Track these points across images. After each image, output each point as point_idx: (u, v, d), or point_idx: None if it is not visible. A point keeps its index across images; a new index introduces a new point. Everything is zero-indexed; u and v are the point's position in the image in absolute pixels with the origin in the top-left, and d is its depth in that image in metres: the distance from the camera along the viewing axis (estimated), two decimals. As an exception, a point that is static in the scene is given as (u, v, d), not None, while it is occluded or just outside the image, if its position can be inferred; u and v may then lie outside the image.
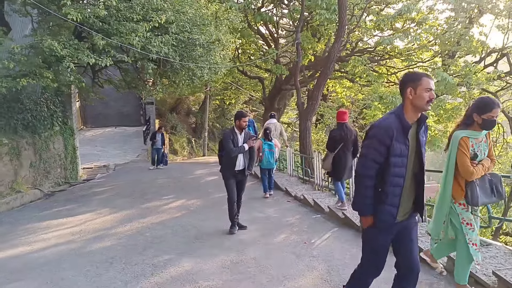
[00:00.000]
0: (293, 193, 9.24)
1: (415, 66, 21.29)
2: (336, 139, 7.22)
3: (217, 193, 10.54)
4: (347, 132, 7.21)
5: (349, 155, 7.25)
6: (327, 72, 11.97)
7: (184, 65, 10.19)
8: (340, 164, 7.20)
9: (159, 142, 16.37)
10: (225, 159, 6.61)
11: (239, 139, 6.48)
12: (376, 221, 3.01)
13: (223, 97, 34.00)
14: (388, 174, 2.91)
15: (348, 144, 7.21)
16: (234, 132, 6.50)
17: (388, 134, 2.88)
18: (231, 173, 6.54)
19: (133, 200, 9.94)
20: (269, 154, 9.55)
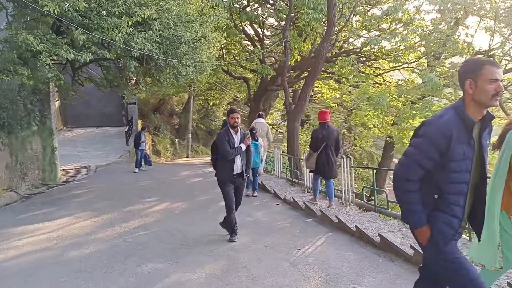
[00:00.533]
0: (282, 196, 8.93)
1: (400, 67, 21.28)
2: (319, 138, 7.46)
3: (203, 195, 10.20)
4: (329, 131, 7.45)
5: (332, 153, 7.43)
6: (316, 71, 11.72)
7: (169, 63, 9.80)
8: (323, 163, 7.40)
9: (143, 144, 15.80)
10: (220, 163, 6.07)
11: (235, 140, 5.95)
12: (433, 233, 2.43)
13: (207, 97, 33.53)
14: (445, 182, 2.41)
15: (331, 143, 7.42)
16: (229, 132, 5.95)
17: (445, 135, 2.35)
18: (229, 178, 5.99)
19: (115, 203, 9.51)
20: (255, 154, 9.46)
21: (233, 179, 6.02)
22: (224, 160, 5.93)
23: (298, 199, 8.08)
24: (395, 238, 4.83)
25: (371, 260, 4.84)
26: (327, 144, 7.37)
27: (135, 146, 15.78)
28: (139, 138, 15.62)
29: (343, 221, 6.02)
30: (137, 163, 15.68)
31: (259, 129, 11.24)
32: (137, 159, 15.76)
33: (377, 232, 5.27)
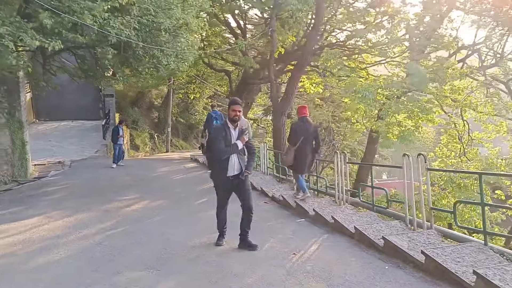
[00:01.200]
0: (270, 194, 8.42)
1: (385, 61, 20.99)
2: (297, 132, 7.43)
3: (184, 193, 9.61)
4: (307, 126, 7.45)
5: (310, 149, 7.45)
6: (304, 63, 11.24)
7: (148, 52, 9.15)
8: (301, 158, 7.39)
9: (121, 138, 15.06)
10: (213, 163, 5.40)
11: (233, 136, 5.19)
12: None
13: (187, 91, 32.76)
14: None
15: (309, 138, 7.42)
16: (227, 126, 5.20)
17: None
18: (223, 180, 5.24)
19: (90, 201, 8.83)
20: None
21: (229, 182, 5.23)
22: (217, 158, 5.22)
23: (288, 197, 7.57)
24: (401, 241, 4.37)
25: (376, 267, 4.37)
26: (305, 138, 7.34)
27: (113, 141, 15.00)
28: (117, 132, 14.85)
29: (340, 221, 5.53)
30: (115, 158, 14.86)
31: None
32: (115, 154, 14.94)
33: (379, 234, 4.81)
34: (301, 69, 11.61)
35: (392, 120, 18.36)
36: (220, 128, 5.34)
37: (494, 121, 20.15)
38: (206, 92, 36.19)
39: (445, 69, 15.79)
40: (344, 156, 6.94)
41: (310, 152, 7.45)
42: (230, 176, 5.16)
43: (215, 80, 32.11)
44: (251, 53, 24.58)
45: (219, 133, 5.19)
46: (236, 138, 5.20)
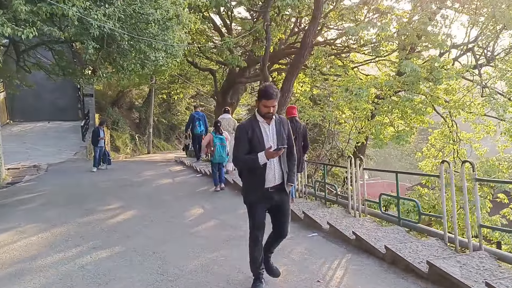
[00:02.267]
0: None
1: (376, 60, 20.49)
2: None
3: (174, 201, 8.77)
4: (296, 126, 7.37)
5: (299, 150, 7.36)
6: (301, 59, 10.54)
7: (134, 46, 8.29)
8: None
9: (102, 141, 14.00)
10: (244, 171, 4.03)
11: (264, 136, 3.79)
12: None
13: (170, 90, 31.81)
14: None
15: (298, 138, 7.34)
16: (256, 123, 3.81)
17: None
18: (261, 194, 3.83)
19: (69, 211, 7.94)
20: (221, 148, 9.35)
21: (269, 196, 3.86)
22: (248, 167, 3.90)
23: (293, 206, 6.82)
24: (452, 268, 3.62)
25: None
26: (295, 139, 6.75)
27: (93, 144, 13.98)
28: (97, 134, 13.78)
29: (365, 238, 4.75)
30: (96, 162, 13.92)
31: (225, 125, 11.21)
32: (95, 157, 13.97)
33: (418, 256, 4.06)
34: (298, 66, 10.92)
35: (385, 120, 17.86)
36: (245, 126, 3.85)
37: (484, 121, 19.86)
38: (189, 92, 35.27)
39: (440, 68, 15.33)
40: (361, 161, 6.20)
41: (299, 152, 7.33)
42: (269, 187, 3.82)
43: (198, 79, 31.22)
44: (237, 51, 23.86)
45: (243, 133, 3.80)
46: (273, 138, 3.81)
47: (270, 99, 3.69)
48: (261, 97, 3.75)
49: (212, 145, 9.34)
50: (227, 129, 11.48)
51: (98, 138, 13.63)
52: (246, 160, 3.78)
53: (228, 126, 11.65)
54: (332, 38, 21.02)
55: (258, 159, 3.67)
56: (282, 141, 3.82)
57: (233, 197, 8.89)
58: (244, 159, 3.79)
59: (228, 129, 11.56)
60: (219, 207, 7.97)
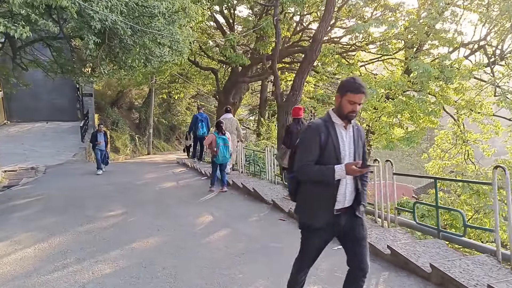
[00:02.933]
0: (286, 208, 7.10)
1: (378, 59, 20.00)
2: (293, 133, 7.27)
3: (181, 206, 8.21)
4: (303, 127, 7.24)
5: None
6: (313, 55, 10.00)
7: (138, 41, 7.74)
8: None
9: (103, 144, 13.48)
10: (306, 187, 3.09)
11: (340, 143, 2.93)
12: None
13: (171, 90, 31.30)
14: None
15: None
16: (331, 125, 2.95)
17: None
18: (325, 217, 2.98)
19: (68, 218, 7.40)
20: (224, 149, 9.13)
21: (335, 221, 3.00)
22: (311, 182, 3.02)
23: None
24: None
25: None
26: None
27: (92, 147, 13.69)
28: (95, 139, 13.37)
29: (404, 254, 4.19)
30: (98, 164, 13.41)
31: (228, 125, 10.85)
32: (97, 160, 13.45)
33: (470, 277, 3.50)
34: (309, 62, 10.39)
35: (393, 121, 17.35)
36: (319, 127, 2.94)
37: (492, 122, 19.38)
38: (189, 91, 34.76)
39: (452, 67, 14.85)
40: (391, 165, 5.63)
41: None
42: (336, 210, 2.96)
43: (199, 79, 30.69)
44: (239, 50, 23.34)
45: (314, 137, 2.93)
46: (351, 144, 2.98)
47: (359, 93, 2.84)
48: (345, 90, 2.88)
49: (215, 145, 9.11)
50: (229, 130, 11.08)
51: (96, 142, 13.26)
52: (316, 172, 2.88)
53: (230, 126, 11.25)
54: (337, 36, 20.50)
55: (333, 173, 2.81)
56: (359, 152, 3.02)
57: (244, 202, 8.35)
58: (313, 171, 2.89)
59: (230, 129, 11.17)
60: (230, 213, 7.43)
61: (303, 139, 3.05)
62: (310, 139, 2.95)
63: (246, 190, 8.88)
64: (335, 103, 3.00)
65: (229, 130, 11.08)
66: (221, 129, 9.24)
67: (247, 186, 8.84)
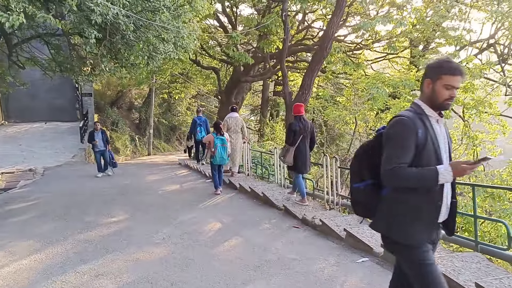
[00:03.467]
0: (299, 215, 6.66)
1: (385, 57, 19.60)
2: (296, 131, 7.35)
3: (186, 212, 7.76)
4: (305, 124, 7.46)
5: (307, 147, 7.48)
6: (324, 53, 9.56)
7: (141, 36, 7.30)
8: (301, 157, 7.38)
9: (101, 142, 12.48)
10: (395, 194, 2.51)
11: (440, 141, 2.44)
12: None
13: (172, 89, 30.87)
14: None
15: (307, 136, 7.46)
16: (426, 119, 2.43)
17: None
18: (430, 231, 2.49)
19: (67, 224, 6.96)
20: (222, 149, 8.93)
21: (435, 236, 2.54)
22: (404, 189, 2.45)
23: (329, 221, 5.83)
24: None
25: None
26: (303, 137, 7.40)
27: (93, 148, 12.96)
28: (92, 138, 12.51)
29: (442, 271, 3.74)
30: (98, 166, 12.74)
31: (233, 124, 10.60)
32: (97, 162, 12.76)
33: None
34: (320, 60, 9.94)
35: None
36: (413, 120, 2.38)
37: (499, 121, 18.97)
38: (190, 91, 34.33)
39: (462, 65, 14.42)
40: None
41: (308, 151, 7.51)
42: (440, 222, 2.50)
43: (200, 79, 30.25)
44: (241, 49, 22.88)
45: (409, 133, 2.37)
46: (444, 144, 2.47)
47: (457, 75, 2.35)
48: (440, 72, 2.36)
49: (212, 146, 8.94)
50: (234, 129, 10.69)
51: (92, 141, 12.43)
52: (415, 175, 2.32)
53: (235, 125, 10.78)
54: (342, 34, 20.05)
55: (437, 176, 2.27)
56: (451, 149, 2.54)
57: (253, 207, 7.91)
58: (411, 174, 2.33)
59: (235, 129, 10.75)
60: (239, 220, 6.98)
61: (393, 136, 2.42)
62: (404, 136, 2.36)
63: (255, 194, 8.45)
64: (424, 91, 2.46)
65: (234, 130, 10.70)
66: (219, 129, 9.07)
67: (256, 190, 8.40)
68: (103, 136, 12.58)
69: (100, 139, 12.44)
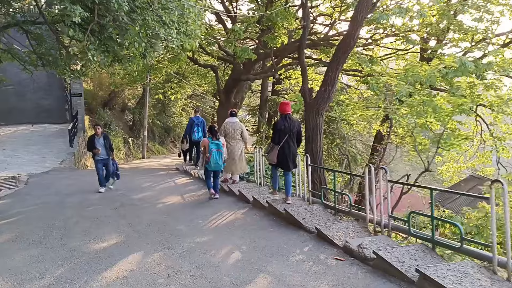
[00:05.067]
0: (339, 241, 5.27)
1: (395, 54, 18.32)
2: (281, 130, 7.29)
3: (194, 234, 6.34)
4: (290, 123, 7.34)
5: (294, 146, 7.39)
6: (351, 41, 8.20)
7: (137, 19, 5.90)
8: (285, 156, 7.32)
9: (103, 150, 10.25)
10: None
11: None
12: None
13: (167, 89, 29.51)
14: None
15: (293, 135, 7.36)
16: None
17: None
18: None
19: (46, 253, 5.57)
20: (217, 155, 8.50)
21: None
22: None
23: (386, 254, 4.44)
24: None
25: None
26: (289, 136, 7.30)
27: (93, 157, 10.59)
28: (92, 146, 10.24)
29: None
30: (100, 180, 10.39)
31: (231, 130, 9.75)
32: (99, 175, 10.36)
33: None
34: (346, 50, 8.59)
35: (420, 121, 15.61)
36: None
37: None
38: (186, 91, 32.95)
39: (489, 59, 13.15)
40: None
41: (294, 149, 7.40)
42: None
43: (196, 78, 28.90)
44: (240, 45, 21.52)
45: None
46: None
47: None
48: None
49: (207, 151, 8.48)
50: (232, 136, 9.67)
51: (94, 149, 10.18)
52: None
53: (233, 132, 9.73)
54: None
55: None
56: None
57: (274, 228, 6.46)
58: None
59: (233, 135, 9.69)
60: (261, 246, 5.56)
61: None
62: None
63: (273, 211, 7.05)
64: None
65: (231, 136, 9.68)
66: (215, 133, 8.60)
67: (276, 206, 7.00)
68: (106, 142, 10.35)
69: (102, 146, 10.25)
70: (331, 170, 8.85)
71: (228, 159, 9.56)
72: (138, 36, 5.76)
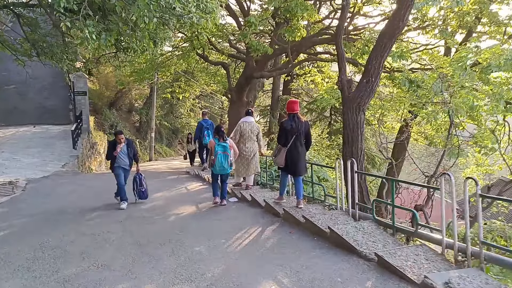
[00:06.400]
0: (413, 275, 3.95)
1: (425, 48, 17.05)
2: (287, 130, 6.91)
3: (216, 259, 5.06)
4: (298, 123, 6.93)
5: (302, 148, 6.99)
6: (400, 24, 6.89)
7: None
8: (293, 159, 6.91)
9: (126, 159, 8.60)
10: None
11: None
12: None
13: (175, 88, 28.44)
14: None
15: (301, 136, 6.94)
16: None
17: None
18: None
19: (33, 283, 4.38)
20: (222, 158, 7.93)
21: None
22: None
23: None
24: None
25: None
26: (296, 137, 6.88)
27: (111, 167, 8.80)
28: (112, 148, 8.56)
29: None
30: (121, 193, 8.50)
31: (248, 130, 9.05)
32: (120, 186, 8.52)
33: None
34: (393, 35, 7.31)
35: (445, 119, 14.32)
36: None
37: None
38: (195, 90, 31.87)
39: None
40: None
41: (303, 152, 6.97)
42: None
43: (206, 77, 27.75)
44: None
45: None
46: None
47: None
48: None
49: (213, 153, 7.99)
50: (248, 136, 9.06)
51: (114, 157, 8.47)
52: None
53: (250, 132, 8.99)
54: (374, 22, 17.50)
55: None
56: None
57: (318, 251, 5.14)
58: None
59: (250, 136, 9.08)
60: (308, 279, 4.26)
61: None
62: None
63: (313, 228, 5.72)
64: None
65: (248, 137, 8.95)
66: (221, 134, 8.06)
67: (315, 222, 5.71)
68: (130, 150, 8.70)
69: (125, 155, 8.60)
70: (389, 178, 7.56)
71: (240, 162, 9.04)
72: (148, 9, 4.48)
